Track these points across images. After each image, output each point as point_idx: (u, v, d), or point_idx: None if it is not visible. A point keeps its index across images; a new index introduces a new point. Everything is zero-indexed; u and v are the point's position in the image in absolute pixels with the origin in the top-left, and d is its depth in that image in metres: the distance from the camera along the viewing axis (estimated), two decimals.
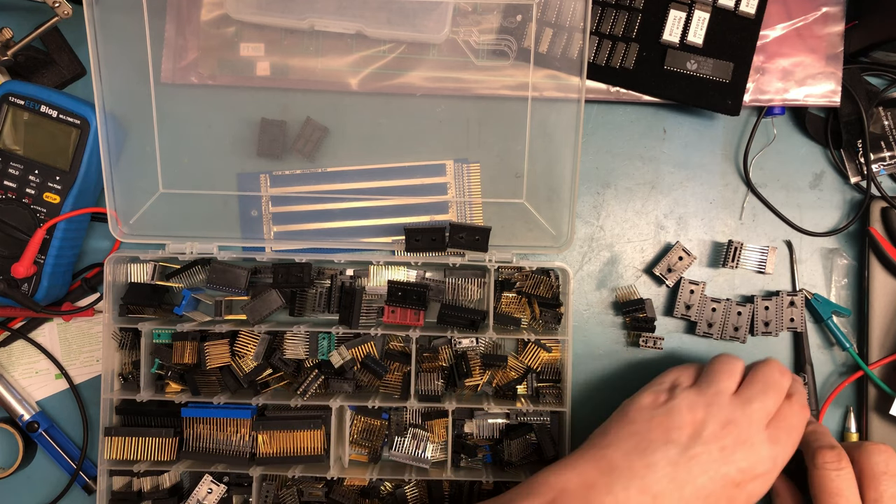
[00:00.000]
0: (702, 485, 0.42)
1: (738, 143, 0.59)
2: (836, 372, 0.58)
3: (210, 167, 0.56)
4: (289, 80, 0.55)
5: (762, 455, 0.43)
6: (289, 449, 0.54)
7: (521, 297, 0.56)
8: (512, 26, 0.54)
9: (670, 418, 0.44)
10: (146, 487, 0.55)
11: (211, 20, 0.55)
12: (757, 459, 0.43)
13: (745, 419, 0.43)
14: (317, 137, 0.56)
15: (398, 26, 0.54)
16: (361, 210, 0.56)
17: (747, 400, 0.44)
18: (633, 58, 0.55)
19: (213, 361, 0.54)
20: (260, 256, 0.54)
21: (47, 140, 0.53)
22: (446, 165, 0.57)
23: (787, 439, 0.44)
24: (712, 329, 0.57)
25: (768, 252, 0.57)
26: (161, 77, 0.55)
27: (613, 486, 0.41)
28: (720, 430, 0.43)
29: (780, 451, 0.44)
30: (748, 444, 0.43)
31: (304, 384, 0.54)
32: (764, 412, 0.44)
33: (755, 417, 0.44)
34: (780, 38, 0.56)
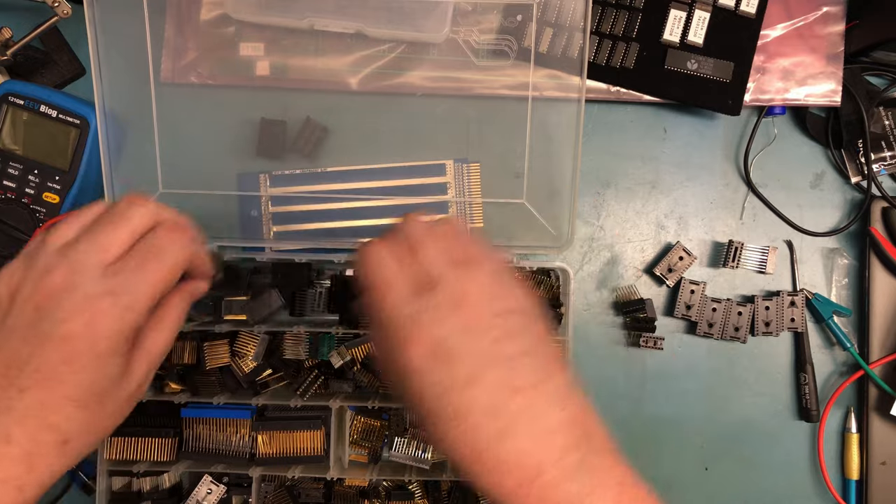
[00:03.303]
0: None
1: (739, 143, 0.59)
2: (836, 372, 0.58)
3: (210, 167, 0.56)
4: (289, 79, 0.55)
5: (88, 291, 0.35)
6: (288, 449, 0.54)
7: None
8: (512, 26, 0.54)
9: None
10: (146, 488, 0.55)
11: (211, 20, 0.55)
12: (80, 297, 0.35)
13: (63, 265, 0.36)
14: (317, 137, 0.56)
15: (398, 26, 0.54)
16: (361, 210, 0.56)
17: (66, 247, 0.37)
18: (633, 57, 0.55)
19: (212, 362, 0.54)
20: (260, 256, 0.54)
21: (47, 140, 0.53)
22: (446, 165, 0.56)
23: (137, 265, 0.36)
24: (713, 329, 0.57)
25: (769, 252, 0.57)
26: (161, 77, 0.55)
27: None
28: (33, 287, 0.35)
29: (123, 280, 0.36)
30: (67, 289, 0.35)
31: (304, 384, 0.54)
32: (92, 250, 0.36)
33: (78, 259, 0.36)
34: (781, 37, 0.56)
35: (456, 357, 0.34)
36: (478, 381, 0.34)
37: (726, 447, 0.58)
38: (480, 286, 0.36)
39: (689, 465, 0.58)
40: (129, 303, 0.36)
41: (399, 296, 0.36)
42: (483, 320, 0.35)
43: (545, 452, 0.34)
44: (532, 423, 0.34)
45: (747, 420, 0.58)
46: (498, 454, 0.34)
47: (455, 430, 0.34)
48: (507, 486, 0.34)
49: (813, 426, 0.58)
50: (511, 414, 0.34)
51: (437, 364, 0.34)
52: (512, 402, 0.34)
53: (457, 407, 0.34)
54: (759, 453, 0.59)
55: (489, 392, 0.34)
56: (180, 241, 0.39)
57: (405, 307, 0.35)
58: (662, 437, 0.58)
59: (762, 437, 0.58)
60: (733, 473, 0.58)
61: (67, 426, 0.34)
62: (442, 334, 0.35)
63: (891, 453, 0.57)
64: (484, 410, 0.34)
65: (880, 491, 0.56)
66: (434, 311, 0.35)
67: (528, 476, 0.33)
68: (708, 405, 0.58)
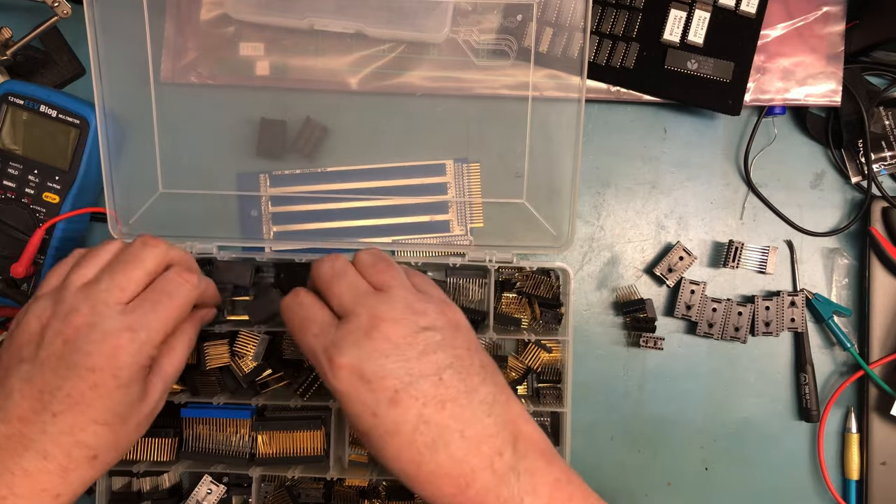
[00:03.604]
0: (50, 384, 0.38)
1: (739, 143, 0.59)
2: (836, 372, 0.58)
3: (210, 167, 0.56)
4: (289, 79, 0.55)
5: (109, 327, 0.39)
6: (288, 449, 0.54)
7: (522, 298, 0.56)
8: (512, 26, 0.54)
9: (14, 337, 0.40)
10: (146, 488, 0.55)
11: (211, 20, 0.55)
12: (101, 332, 0.39)
13: (86, 303, 0.40)
14: (317, 137, 0.56)
15: (398, 26, 0.54)
16: (361, 210, 0.56)
17: (87, 286, 0.41)
18: (633, 57, 0.55)
19: (212, 362, 0.54)
20: (260, 256, 0.54)
21: (47, 140, 0.53)
22: (446, 165, 0.56)
23: (151, 305, 0.41)
24: (713, 329, 0.57)
25: (769, 252, 0.57)
26: (161, 76, 0.55)
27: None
28: (61, 323, 0.39)
29: (140, 317, 0.40)
30: (91, 325, 0.39)
31: (304, 384, 0.54)
32: (111, 289, 0.40)
33: (99, 297, 0.40)
34: (781, 37, 0.56)
35: (377, 378, 0.37)
36: (402, 398, 0.37)
37: (726, 447, 0.58)
38: (394, 308, 0.39)
39: (689, 465, 0.58)
40: (145, 337, 0.40)
41: (317, 329, 0.40)
42: (401, 340, 0.38)
43: (476, 459, 0.37)
44: (461, 432, 0.37)
45: (747, 420, 0.58)
46: (431, 465, 0.37)
47: (390, 447, 0.37)
48: (446, 495, 0.37)
49: (813, 426, 0.58)
50: (440, 426, 0.37)
51: (361, 387, 0.37)
52: (439, 414, 0.37)
53: (387, 426, 0.37)
54: (759, 453, 0.59)
55: (415, 408, 0.37)
56: (190, 281, 0.43)
57: (323, 338, 0.39)
58: (662, 437, 0.58)
59: (762, 437, 0.58)
60: (733, 473, 0.58)
61: (96, 443, 0.39)
62: (360, 358, 0.37)
63: (891, 453, 0.57)
64: (413, 426, 0.37)
65: (880, 491, 0.56)
66: (350, 336, 0.38)
67: (462, 483, 0.36)
68: (708, 405, 0.58)
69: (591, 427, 0.58)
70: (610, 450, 0.58)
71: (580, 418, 0.57)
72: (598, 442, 0.58)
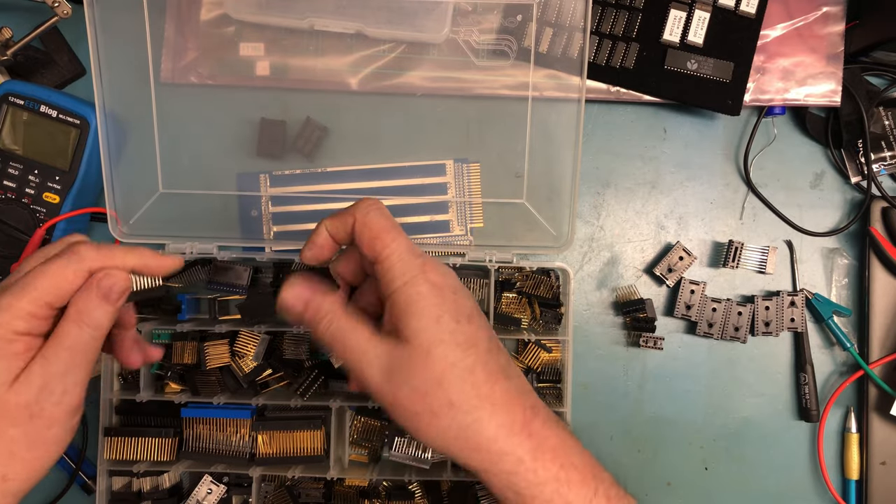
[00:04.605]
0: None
1: (739, 143, 0.59)
2: (836, 372, 0.58)
3: (210, 167, 0.56)
4: (289, 79, 0.55)
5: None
6: (288, 449, 0.54)
7: (522, 298, 0.56)
8: (512, 26, 0.54)
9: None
10: (146, 488, 0.55)
11: (211, 20, 0.55)
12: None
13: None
14: (316, 137, 0.56)
15: (398, 26, 0.54)
16: None
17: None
18: (633, 58, 0.55)
19: (212, 361, 0.54)
20: (260, 256, 0.54)
21: (47, 140, 0.53)
22: (446, 165, 0.56)
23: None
24: (713, 329, 0.57)
25: (769, 252, 0.57)
26: (161, 77, 0.55)
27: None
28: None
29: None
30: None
31: (304, 384, 0.54)
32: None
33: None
34: (781, 37, 0.56)
35: (459, 293, 0.38)
36: (475, 319, 0.38)
37: (726, 447, 0.58)
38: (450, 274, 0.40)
39: (689, 465, 0.58)
40: (4, 304, 0.35)
41: (405, 243, 0.39)
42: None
43: (531, 396, 0.38)
44: (518, 374, 0.39)
45: (747, 420, 0.58)
46: (508, 387, 0.37)
47: (469, 359, 0.37)
48: (518, 420, 0.37)
49: (813, 426, 0.58)
50: (506, 356, 0.39)
51: (447, 295, 0.38)
52: (500, 352, 0.39)
53: (468, 335, 0.37)
54: (759, 453, 0.59)
55: (487, 330, 0.38)
56: (69, 254, 0.37)
57: (413, 258, 0.38)
58: (662, 437, 0.58)
59: (762, 437, 0.58)
60: (733, 473, 0.58)
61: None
62: (445, 272, 0.38)
63: (891, 453, 0.57)
64: (487, 346, 0.38)
65: (880, 491, 0.57)
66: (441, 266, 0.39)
67: (530, 413, 0.37)
68: (708, 405, 0.58)
69: (591, 427, 0.58)
70: (610, 450, 0.58)
71: (580, 418, 0.57)
72: (598, 442, 0.58)
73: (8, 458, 0.35)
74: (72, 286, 0.37)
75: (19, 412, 0.35)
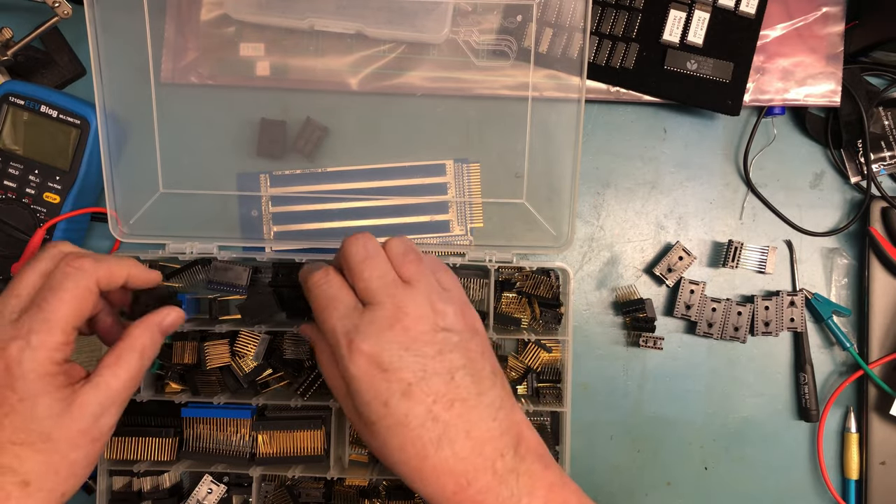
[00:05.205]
0: None
1: (739, 143, 0.59)
2: (836, 372, 0.58)
3: (210, 167, 0.56)
4: (289, 80, 0.55)
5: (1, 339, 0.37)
6: (289, 449, 0.54)
7: (522, 298, 0.56)
8: (512, 26, 0.54)
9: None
10: (146, 487, 0.55)
11: (211, 20, 0.55)
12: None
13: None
14: (317, 137, 0.56)
15: (398, 26, 0.54)
16: (361, 210, 0.56)
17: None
18: (633, 58, 0.55)
19: (212, 361, 0.54)
20: (260, 256, 0.54)
21: (47, 140, 0.53)
22: (446, 165, 0.57)
23: (37, 307, 0.38)
24: (712, 329, 0.57)
25: (768, 252, 0.57)
26: (161, 77, 0.55)
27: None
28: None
29: (26, 322, 0.37)
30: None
31: (305, 384, 0.54)
32: (7, 299, 0.39)
33: (2, 312, 0.38)
34: (781, 38, 0.56)
35: (393, 369, 0.38)
36: (415, 392, 0.37)
37: (726, 447, 0.58)
38: (418, 305, 0.39)
39: (689, 465, 0.59)
40: (37, 342, 0.37)
41: (342, 311, 0.39)
42: (420, 336, 0.38)
43: (479, 459, 0.37)
44: (467, 432, 0.38)
45: (747, 420, 0.58)
46: (435, 461, 0.37)
47: (396, 439, 0.38)
48: (447, 492, 0.37)
49: (812, 426, 0.58)
50: (447, 424, 0.37)
51: (377, 374, 0.38)
52: (447, 412, 0.38)
53: (397, 417, 0.37)
54: (759, 453, 0.59)
55: (426, 403, 0.37)
56: (80, 268, 0.39)
57: (347, 321, 0.39)
58: (662, 437, 0.58)
59: (762, 437, 0.58)
60: (733, 473, 0.58)
61: (21, 466, 0.36)
62: (380, 347, 0.38)
63: (890, 453, 0.57)
64: (421, 421, 0.37)
65: (880, 491, 0.57)
66: (373, 325, 0.38)
67: (464, 482, 0.37)
68: (708, 405, 0.58)
69: (591, 427, 0.58)
70: (609, 449, 0.58)
71: (580, 418, 0.57)
72: (598, 442, 0.58)
73: (73, 480, 0.38)
74: (89, 305, 0.39)
75: (80, 438, 0.38)
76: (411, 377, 0.38)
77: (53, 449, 0.37)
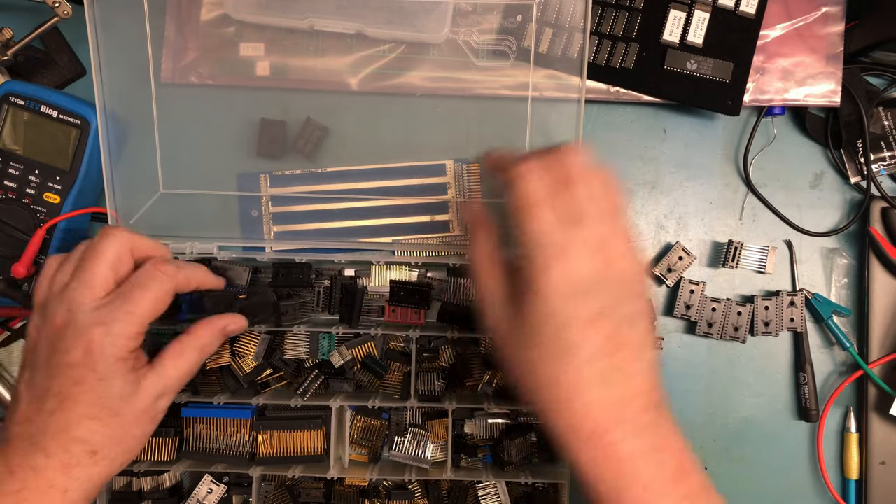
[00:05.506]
0: None
1: (738, 143, 0.59)
2: (836, 371, 0.58)
3: (210, 167, 0.56)
4: (289, 80, 0.55)
5: (82, 323, 0.41)
6: (289, 449, 0.54)
7: None
8: (512, 26, 0.54)
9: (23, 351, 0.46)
10: (146, 487, 0.55)
11: (211, 20, 0.55)
12: (76, 329, 0.41)
13: (62, 306, 0.42)
14: (317, 137, 0.56)
15: (398, 26, 0.54)
16: (361, 210, 0.56)
17: (63, 290, 0.43)
18: (633, 58, 0.55)
19: (213, 361, 0.54)
20: (260, 256, 0.54)
21: (47, 140, 0.53)
22: (446, 165, 0.57)
23: (123, 298, 0.42)
24: (712, 329, 0.57)
25: (768, 252, 0.57)
26: (161, 77, 0.55)
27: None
28: (48, 328, 0.42)
29: (112, 311, 0.41)
30: (67, 324, 0.41)
31: (304, 384, 0.54)
32: (80, 288, 0.42)
33: (73, 298, 0.42)
34: (781, 38, 0.56)
35: (585, 296, 0.37)
36: (596, 325, 0.37)
37: (726, 447, 0.58)
38: (620, 242, 0.39)
39: None
40: (118, 330, 0.41)
41: (551, 219, 0.38)
42: (617, 274, 0.38)
43: (626, 410, 0.38)
44: (625, 380, 0.38)
45: (747, 420, 0.58)
46: (589, 399, 0.37)
47: (556, 364, 0.37)
48: (586, 430, 0.37)
49: (812, 426, 0.58)
50: (612, 366, 0.37)
51: (567, 295, 0.37)
52: (616, 355, 0.37)
53: (569, 343, 0.37)
54: (759, 453, 0.59)
55: (601, 339, 0.37)
56: (164, 272, 0.44)
57: (555, 233, 0.37)
58: None
59: (762, 437, 0.58)
60: (733, 473, 0.58)
61: (92, 438, 0.41)
62: (580, 270, 0.37)
63: (890, 453, 0.57)
64: (590, 355, 0.37)
65: (879, 490, 0.57)
66: (581, 246, 0.37)
67: (607, 426, 0.37)
68: (708, 405, 0.58)
69: None
70: None
71: None
72: None
73: (131, 453, 0.43)
74: (166, 304, 0.44)
75: (143, 416, 0.43)
76: (598, 309, 0.37)
77: (119, 424, 0.41)
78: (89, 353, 0.40)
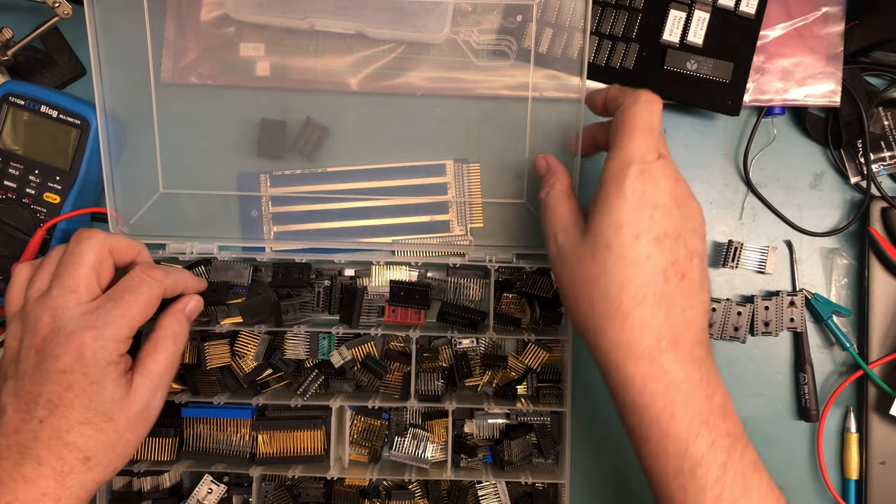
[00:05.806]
0: None
1: (738, 143, 0.59)
2: (836, 372, 0.58)
3: (210, 167, 0.56)
4: (289, 80, 0.55)
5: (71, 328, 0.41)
6: (289, 449, 0.54)
7: (522, 298, 0.56)
8: (512, 26, 0.54)
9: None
10: (146, 487, 0.55)
11: (211, 20, 0.55)
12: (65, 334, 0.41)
13: (47, 312, 0.42)
14: (317, 137, 0.56)
15: (398, 26, 0.54)
16: (361, 210, 0.56)
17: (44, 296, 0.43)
18: (633, 58, 0.55)
19: (213, 361, 0.54)
20: (260, 256, 0.54)
21: (47, 140, 0.53)
22: (446, 165, 0.57)
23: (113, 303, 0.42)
24: (712, 329, 0.57)
25: (768, 252, 0.57)
26: (161, 77, 0.55)
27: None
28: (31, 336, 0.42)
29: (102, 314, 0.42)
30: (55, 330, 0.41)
31: (304, 384, 0.54)
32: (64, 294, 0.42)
33: (57, 304, 0.42)
34: (780, 38, 0.56)
35: (661, 214, 0.40)
36: (665, 244, 0.39)
37: None
38: (687, 187, 0.42)
39: None
40: (109, 334, 0.41)
41: (646, 145, 0.40)
42: (688, 207, 0.41)
43: (680, 338, 0.39)
44: (683, 308, 0.39)
45: (747, 420, 0.58)
46: (647, 316, 0.38)
47: (622, 274, 0.39)
48: (641, 348, 0.38)
49: (812, 426, 0.58)
50: (673, 289, 0.39)
51: (645, 207, 0.39)
52: (677, 281, 0.39)
53: (638, 255, 0.39)
54: (759, 453, 0.58)
55: (667, 260, 0.39)
56: (153, 277, 0.44)
57: (647, 154, 0.40)
58: None
59: (762, 437, 0.58)
60: None
61: (85, 444, 0.40)
62: (661, 191, 0.40)
63: (890, 453, 0.57)
64: (656, 272, 0.39)
65: (879, 490, 0.57)
66: (663, 169, 0.41)
67: (662, 346, 0.38)
68: None
69: (591, 427, 0.58)
70: (610, 450, 0.58)
71: (580, 418, 0.57)
72: (598, 442, 0.58)
73: (125, 457, 0.43)
74: (154, 308, 0.45)
75: (136, 420, 0.43)
76: (670, 230, 0.40)
77: (113, 429, 0.41)
78: (81, 358, 0.40)
